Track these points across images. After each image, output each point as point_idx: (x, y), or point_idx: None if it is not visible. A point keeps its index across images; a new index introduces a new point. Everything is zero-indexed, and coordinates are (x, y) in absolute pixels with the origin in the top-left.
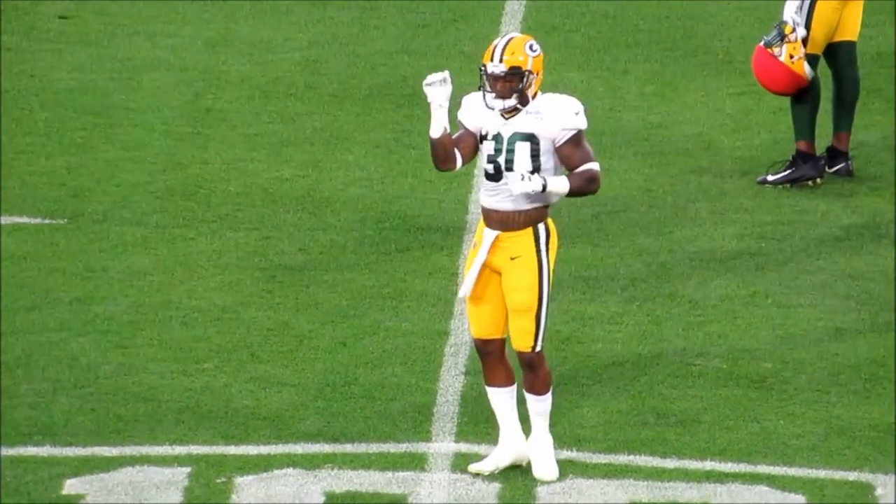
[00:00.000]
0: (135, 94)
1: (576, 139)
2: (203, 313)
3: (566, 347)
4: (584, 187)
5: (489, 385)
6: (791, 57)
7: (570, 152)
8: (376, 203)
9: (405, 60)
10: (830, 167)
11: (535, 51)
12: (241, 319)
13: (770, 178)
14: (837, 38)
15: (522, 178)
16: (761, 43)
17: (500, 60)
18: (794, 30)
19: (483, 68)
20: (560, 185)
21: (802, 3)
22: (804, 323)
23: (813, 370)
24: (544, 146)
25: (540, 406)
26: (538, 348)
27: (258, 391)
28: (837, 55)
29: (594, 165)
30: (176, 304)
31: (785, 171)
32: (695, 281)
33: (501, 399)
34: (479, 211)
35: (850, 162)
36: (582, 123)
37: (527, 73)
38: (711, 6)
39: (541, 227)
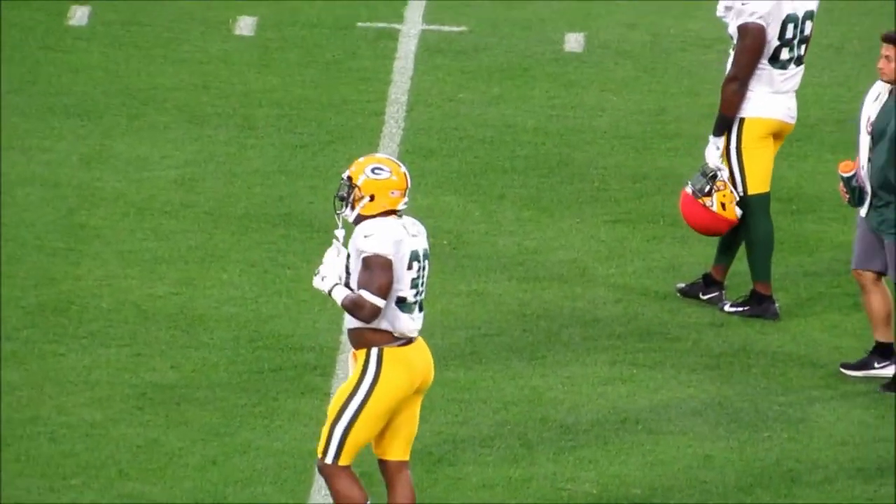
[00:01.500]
0: (8, 210)
1: (364, 261)
2: (72, 429)
3: (437, 470)
4: (349, 309)
5: None
6: (723, 206)
7: (358, 273)
8: (250, 322)
9: (282, 180)
10: (704, 294)
11: (375, 174)
12: (111, 436)
13: (727, 307)
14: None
15: (316, 275)
16: (688, 189)
17: (348, 169)
18: (720, 176)
19: None
20: (337, 294)
21: (728, 149)
22: (674, 450)
23: (681, 496)
24: (352, 263)
25: None
26: (327, 459)
27: None
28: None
29: (364, 293)
30: (44, 420)
31: (742, 306)
32: (567, 405)
33: None
34: None
35: (723, 293)
36: (368, 247)
37: (354, 187)
38: (587, 135)
39: (373, 351)
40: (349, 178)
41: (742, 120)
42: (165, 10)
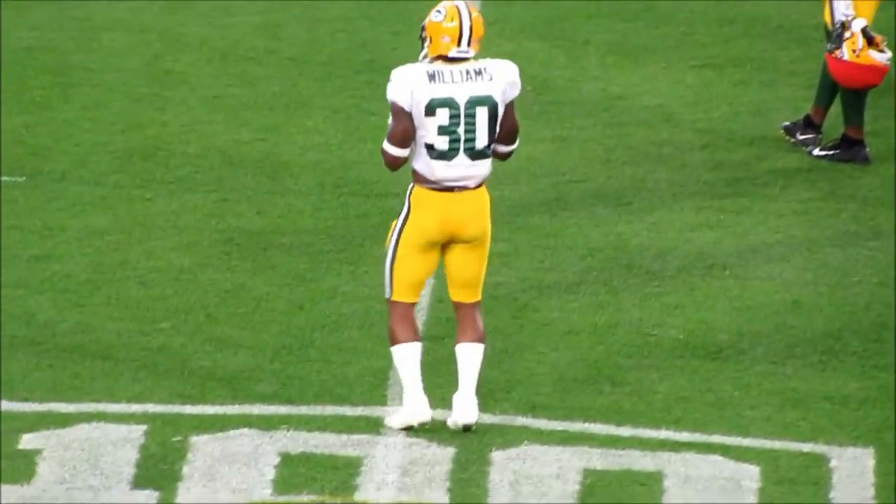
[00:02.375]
0: (94, 55)
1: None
2: (160, 273)
3: (523, 315)
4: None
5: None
6: (854, 52)
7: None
8: (335, 168)
9: (365, 26)
10: (801, 134)
11: (434, 16)
12: (199, 281)
13: (816, 151)
14: None
15: None
16: (826, 51)
17: None
18: (849, 26)
19: None
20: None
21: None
22: (761, 295)
23: (769, 342)
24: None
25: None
26: (384, 294)
27: (215, 352)
28: None
29: (384, 141)
30: (133, 264)
31: (832, 150)
32: (652, 251)
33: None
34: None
35: (819, 137)
36: (387, 94)
37: (423, 27)
38: None
39: (409, 190)
40: (422, 27)
41: None
42: None
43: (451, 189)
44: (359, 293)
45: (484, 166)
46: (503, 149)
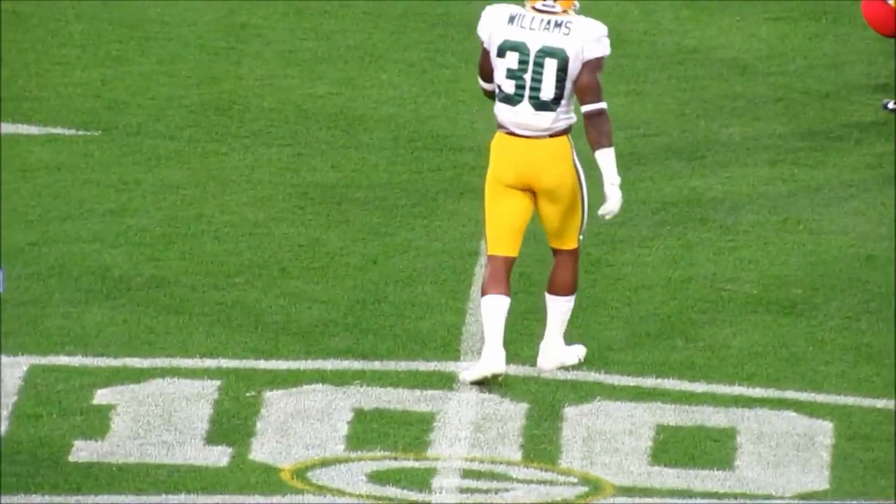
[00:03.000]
0: (170, 8)
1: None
2: (235, 228)
3: (596, 270)
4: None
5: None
6: None
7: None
8: (409, 122)
9: None
10: None
11: None
12: (273, 235)
13: (890, 104)
14: None
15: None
16: None
17: None
18: None
19: None
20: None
21: None
22: (835, 250)
23: (843, 297)
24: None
25: None
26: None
27: (289, 306)
28: None
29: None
30: (208, 219)
31: None
32: (726, 206)
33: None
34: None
35: None
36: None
37: None
38: None
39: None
40: None
41: None
42: None
43: (519, 135)
44: (432, 248)
45: (547, 118)
46: (584, 109)
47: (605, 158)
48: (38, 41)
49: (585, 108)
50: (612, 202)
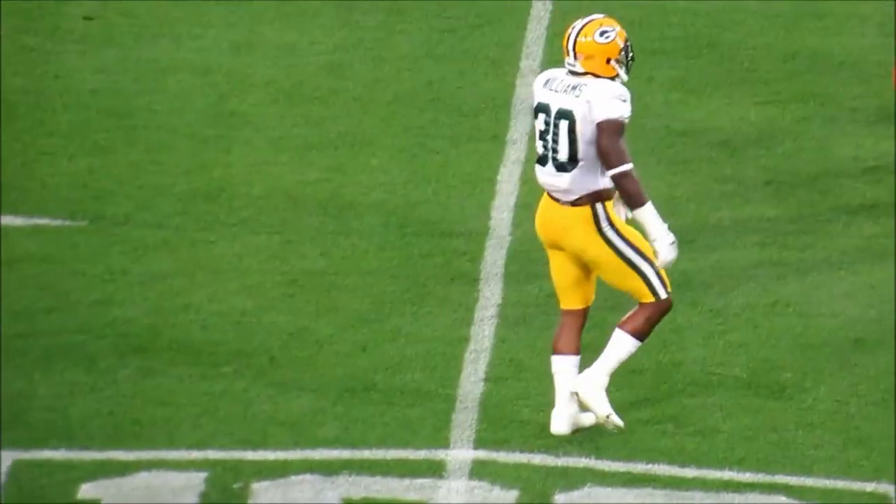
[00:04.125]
0: (159, 97)
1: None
2: (223, 317)
3: (587, 354)
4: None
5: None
6: None
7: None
8: (399, 208)
9: (430, 65)
10: None
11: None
12: (261, 324)
13: None
14: None
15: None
16: None
17: None
18: None
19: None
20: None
21: None
22: (825, 333)
23: (833, 381)
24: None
25: None
26: None
27: (277, 396)
28: None
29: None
30: (196, 308)
31: None
32: (716, 289)
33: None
34: (502, 217)
35: None
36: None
37: None
38: (737, 14)
39: None
40: None
41: None
42: None
43: (549, 195)
44: (422, 334)
45: (566, 179)
46: (608, 174)
47: (642, 217)
48: (24, 131)
49: (608, 174)
50: (662, 256)
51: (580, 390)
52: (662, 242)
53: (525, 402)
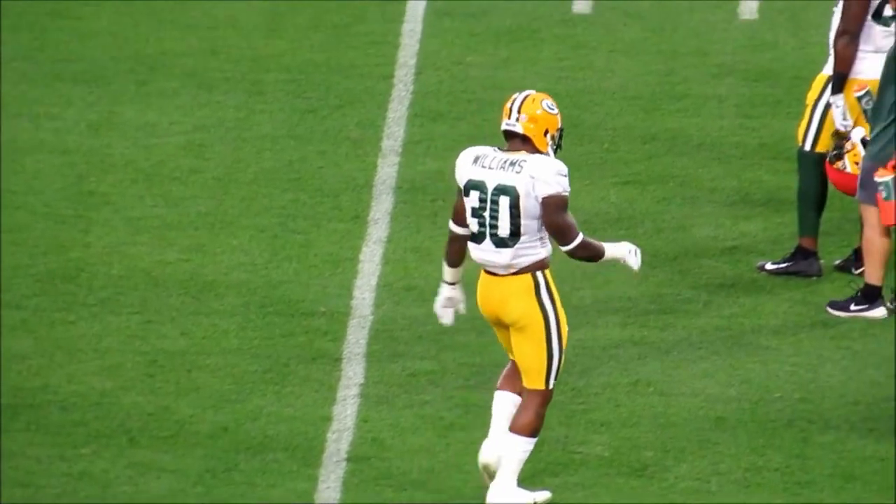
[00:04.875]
0: (17, 177)
1: None
2: (82, 397)
3: (449, 434)
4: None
5: None
6: (856, 164)
7: None
8: (260, 288)
9: (291, 145)
10: (856, 269)
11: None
12: (121, 404)
13: (768, 266)
14: None
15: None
16: (827, 160)
17: None
18: (848, 136)
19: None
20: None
21: (816, 102)
22: (686, 412)
23: (694, 459)
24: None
25: None
26: None
27: (137, 477)
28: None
29: None
30: (55, 389)
31: (783, 263)
32: (578, 368)
33: None
34: (364, 297)
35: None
36: None
37: None
38: (597, 96)
39: None
40: None
41: (848, 80)
42: None
43: (486, 271)
44: (284, 414)
45: (507, 255)
46: (562, 249)
47: (609, 256)
48: None
49: (563, 250)
50: (636, 268)
51: (493, 503)
52: (630, 259)
53: (388, 481)
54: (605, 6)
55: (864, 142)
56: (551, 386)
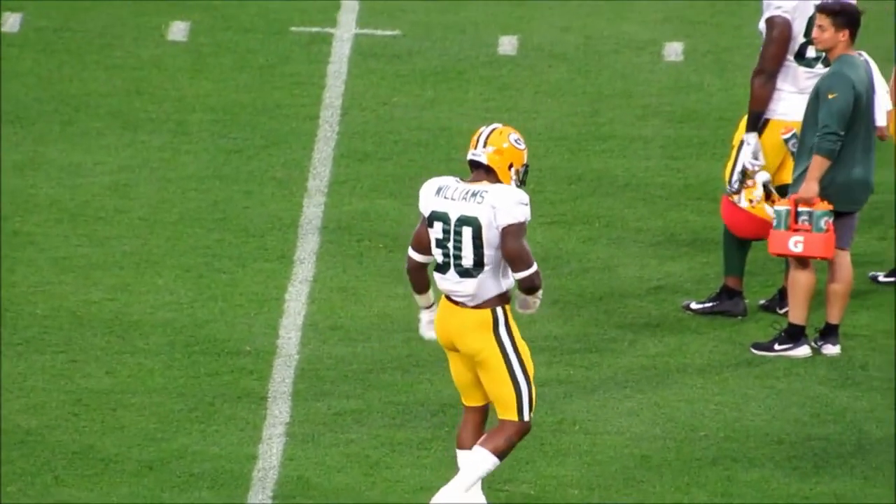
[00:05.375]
0: None
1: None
2: (7, 436)
3: (374, 473)
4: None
5: None
6: (750, 202)
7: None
8: (186, 327)
9: (217, 185)
10: (780, 308)
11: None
12: (46, 442)
13: (694, 306)
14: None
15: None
16: (725, 193)
17: None
18: (754, 175)
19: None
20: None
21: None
22: (611, 450)
23: (619, 497)
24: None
25: None
26: None
27: None
28: None
29: None
30: None
31: (709, 302)
32: None
33: None
34: (290, 336)
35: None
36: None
37: None
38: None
39: None
40: None
41: (766, 121)
42: (97, 15)
43: (449, 299)
44: (209, 452)
45: (471, 285)
46: (514, 276)
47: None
48: None
49: (517, 277)
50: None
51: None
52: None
53: None
54: (531, 48)
55: (765, 186)
56: (526, 419)
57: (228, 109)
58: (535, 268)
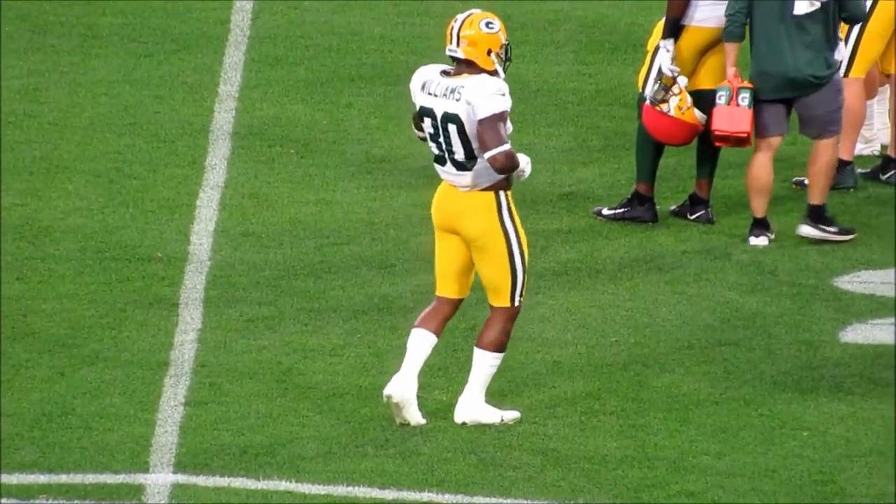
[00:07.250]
0: None
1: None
2: None
3: (287, 379)
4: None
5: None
6: (680, 109)
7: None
8: (97, 233)
9: (127, 90)
10: (691, 214)
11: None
12: None
13: (605, 212)
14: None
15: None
16: (647, 101)
17: None
18: (674, 80)
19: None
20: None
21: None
22: (522, 356)
23: (530, 402)
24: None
25: None
26: None
27: None
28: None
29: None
30: None
31: (620, 208)
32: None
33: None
34: (201, 242)
35: (709, 210)
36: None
37: None
38: (434, 42)
39: None
40: None
41: (683, 27)
42: None
43: (451, 182)
44: (121, 359)
45: (468, 177)
46: (487, 156)
47: (521, 167)
48: None
49: (487, 156)
50: (523, 176)
51: (467, 419)
52: (527, 169)
53: (225, 425)
54: None
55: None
56: (517, 303)
57: (139, 13)
58: (503, 147)
